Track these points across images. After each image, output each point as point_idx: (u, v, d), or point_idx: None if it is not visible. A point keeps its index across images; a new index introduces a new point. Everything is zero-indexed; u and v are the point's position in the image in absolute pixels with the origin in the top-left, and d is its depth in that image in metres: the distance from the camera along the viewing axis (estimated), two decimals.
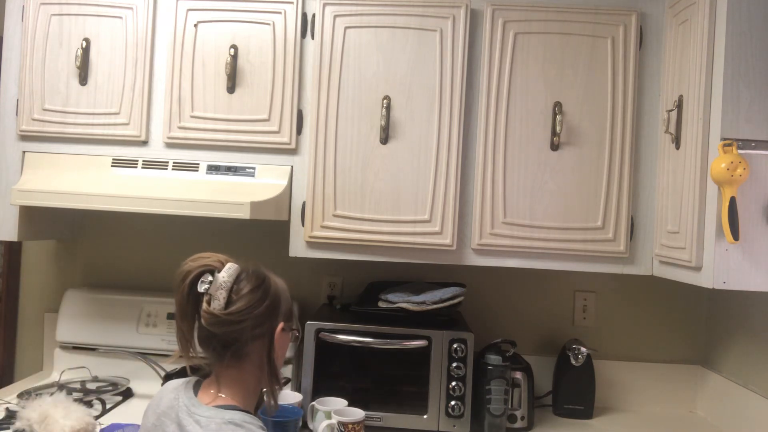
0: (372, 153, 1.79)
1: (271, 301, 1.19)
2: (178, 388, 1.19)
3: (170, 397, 1.18)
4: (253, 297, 1.16)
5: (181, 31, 1.83)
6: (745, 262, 1.42)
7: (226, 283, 1.14)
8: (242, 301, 1.15)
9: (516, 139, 1.78)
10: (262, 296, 1.17)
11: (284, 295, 1.24)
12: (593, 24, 1.77)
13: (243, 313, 1.14)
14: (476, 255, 1.80)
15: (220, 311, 1.13)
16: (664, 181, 1.72)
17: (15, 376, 2.25)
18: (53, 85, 1.85)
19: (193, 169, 1.83)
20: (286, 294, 1.25)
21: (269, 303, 1.18)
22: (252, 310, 1.15)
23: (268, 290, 1.19)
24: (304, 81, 1.83)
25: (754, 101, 1.43)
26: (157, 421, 1.16)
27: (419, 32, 1.78)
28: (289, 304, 1.26)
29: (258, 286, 1.18)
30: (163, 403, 1.18)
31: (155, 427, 1.16)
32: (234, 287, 1.16)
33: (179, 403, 1.15)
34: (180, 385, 1.21)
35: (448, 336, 1.76)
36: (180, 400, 1.15)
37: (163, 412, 1.16)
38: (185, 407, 1.13)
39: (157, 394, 1.23)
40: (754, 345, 1.85)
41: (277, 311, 1.20)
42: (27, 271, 2.26)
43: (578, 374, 1.98)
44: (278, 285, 1.23)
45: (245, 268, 1.20)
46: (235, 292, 1.15)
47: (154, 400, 1.22)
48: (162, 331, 2.06)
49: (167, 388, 1.23)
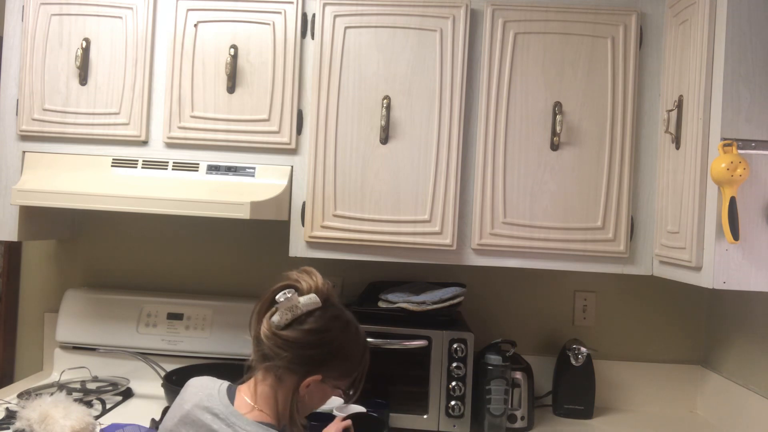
0: (372, 153, 1.79)
1: (324, 351, 1.15)
2: (210, 391, 1.17)
3: (199, 396, 1.16)
4: (307, 337, 1.13)
5: (181, 31, 1.83)
6: (745, 262, 1.42)
7: (297, 308, 1.13)
8: (296, 333, 1.13)
9: (516, 139, 1.78)
10: (316, 342, 1.14)
11: (350, 356, 1.19)
12: (593, 24, 1.77)
13: (289, 343, 1.12)
14: (476, 255, 1.80)
15: (275, 328, 1.12)
16: (664, 181, 1.72)
17: (15, 376, 2.25)
18: (53, 85, 1.85)
19: (193, 169, 1.83)
20: (354, 356, 1.20)
21: (320, 352, 1.15)
22: (298, 347, 1.13)
23: (328, 340, 1.15)
24: (304, 81, 1.83)
25: (754, 101, 1.43)
26: (180, 423, 1.14)
27: (419, 32, 1.78)
28: (352, 367, 1.21)
29: (320, 330, 1.14)
30: (187, 403, 1.16)
31: (177, 427, 1.14)
32: (302, 316, 1.13)
33: (212, 404, 1.13)
34: (210, 386, 1.18)
35: (448, 336, 1.76)
36: (213, 405, 1.13)
37: (187, 414, 1.14)
38: (222, 414, 1.11)
39: (182, 394, 1.21)
40: (754, 345, 1.85)
41: (325, 364, 1.16)
42: (27, 271, 2.26)
43: (578, 374, 1.98)
44: (348, 342, 1.19)
45: (334, 310, 1.17)
46: (299, 321, 1.13)
47: (179, 400, 1.20)
48: (162, 331, 2.06)
49: (192, 386, 1.21)
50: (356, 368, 1.22)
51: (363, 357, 1.23)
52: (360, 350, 1.22)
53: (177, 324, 2.07)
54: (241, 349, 2.02)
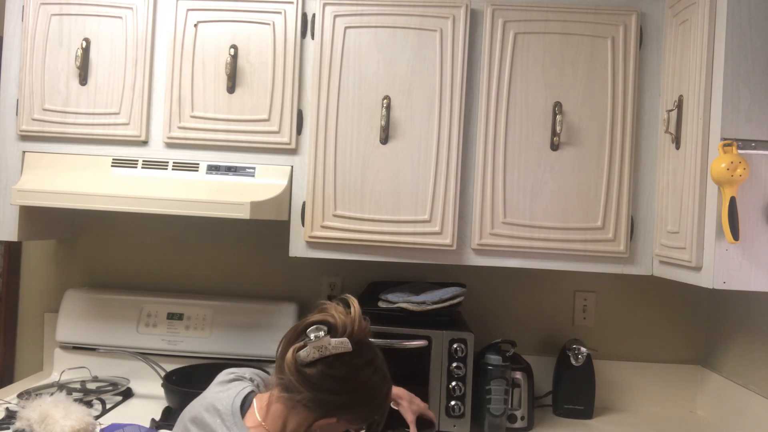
0: (372, 153, 1.79)
1: (346, 399, 1.10)
2: (230, 393, 1.16)
3: (214, 391, 1.17)
4: (330, 383, 1.09)
5: (181, 31, 1.83)
6: (745, 262, 1.42)
7: (324, 349, 1.08)
8: (320, 375, 1.08)
9: (516, 139, 1.78)
10: (338, 389, 1.09)
11: (371, 403, 1.14)
12: (593, 24, 1.77)
13: (310, 383, 1.08)
14: (476, 255, 1.80)
15: (299, 363, 1.08)
16: (664, 181, 1.72)
17: (15, 376, 2.25)
18: (53, 85, 1.85)
19: (193, 169, 1.83)
20: (375, 402, 1.15)
21: (340, 399, 1.10)
22: (319, 390, 1.08)
23: (351, 389, 1.10)
24: (304, 81, 1.83)
25: (754, 101, 1.43)
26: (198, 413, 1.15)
27: (419, 32, 1.78)
28: (371, 412, 1.16)
29: (345, 378, 1.09)
30: (207, 397, 1.17)
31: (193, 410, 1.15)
32: (329, 358, 1.08)
33: (221, 407, 1.12)
34: (231, 388, 1.18)
35: (448, 336, 1.76)
36: (222, 408, 1.12)
37: (205, 408, 1.14)
38: (227, 419, 1.10)
39: (211, 386, 1.22)
40: (754, 345, 1.85)
41: (344, 410, 1.11)
42: (27, 271, 2.26)
43: (578, 374, 1.98)
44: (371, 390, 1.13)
45: (363, 356, 1.12)
46: (325, 363, 1.08)
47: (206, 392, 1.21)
48: (162, 331, 2.06)
49: (215, 385, 1.21)
50: (375, 413, 1.17)
51: (384, 402, 1.17)
52: (382, 397, 1.16)
53: (177, 324, 2.07)
54: (242, 349, 2.03)
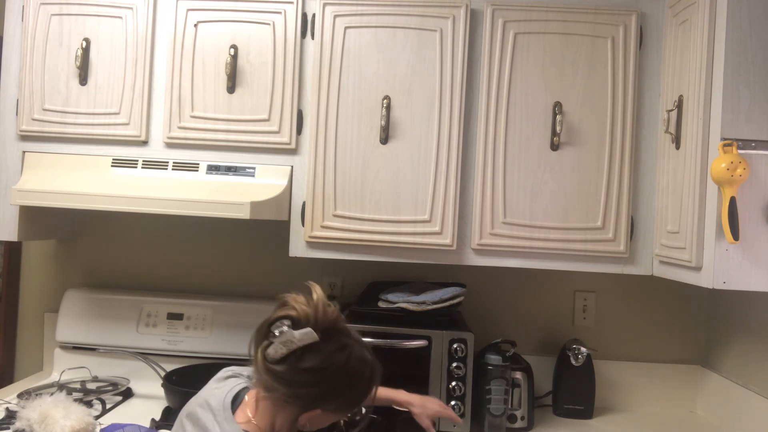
0: (372, 153, 1.79)
1: (324, 389, 1.06)
2: (224, 389, 1.15)
3: (210, 388, 1.16)
4: (304, 376, 1.04)
5: (181, 31, 1.83)
6: (745, 262, 1.42)
7: (291, 343, 1.03)
8: (292, 371, 1.03)
9: (516, 139, 1.78)
10: (313, 381, 1.05)
11: (353, 389, 1.10)
12: (593, 24, 1.77)
13: (283, 380, 1.04)
14: (476, 255, 1.80)
15: (269, 362, 1.04)
16: (664, 181, 1.72)
17: (15, 376, 2.25)
18: (53, 85, 1.85)
19: (193, 169, 1.83)
20: (358, 387, 1.11)
21: (318, 390, 1.06)
22: (294, 386, 1.04)
23: (328, 377, 1.05)
24: (304, 81, 1.83)
25: (754, 101, 1.43)
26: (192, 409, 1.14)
27: (419, 32, 1.78)
28: (355, 398, 1.12)
29: (318, 369, 1.04)
30: (202, 394, 1.16)
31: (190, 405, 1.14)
32: (297, 351, 1.03)
33: (213, 402, 1.11)
34: (226, 385, 1.16)
35: (448, 336, 1.76)
36: (214, 403, 1.10)
37: (199, 404, 1.13)
38: (218, 414, 1.08)
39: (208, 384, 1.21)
40: (754, 345, 1.85)
41: (325, 400, 1.07)
42: (27, 271, 2.26)
43: (578, 374, 1.98)
44: (351, 376, 1.08)
45: (335, 342, 1.06)
46: (295, 357, 1.03)
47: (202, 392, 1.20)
48: (162, 331, 2.06)
49: (212, 382, 1.20)
50: (361, 398, 1.13)
51: (369, 385, 1.14)
52: (365, 381, 1.12)
53: (177, 324, 2.07)
54: (242, 349, 2.02)
